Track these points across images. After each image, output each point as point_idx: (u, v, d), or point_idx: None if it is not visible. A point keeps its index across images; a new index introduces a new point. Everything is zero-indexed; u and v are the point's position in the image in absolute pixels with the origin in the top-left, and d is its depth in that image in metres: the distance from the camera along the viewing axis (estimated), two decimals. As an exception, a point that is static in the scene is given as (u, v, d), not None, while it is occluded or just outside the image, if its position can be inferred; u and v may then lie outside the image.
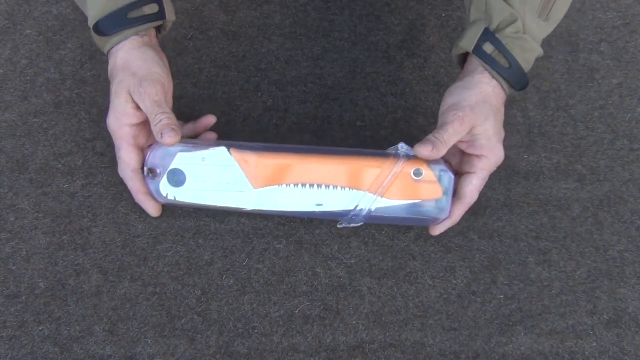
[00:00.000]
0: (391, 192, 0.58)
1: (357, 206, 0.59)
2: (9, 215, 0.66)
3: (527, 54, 0.58)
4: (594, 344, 0.62)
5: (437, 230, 0.62)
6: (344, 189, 0.59)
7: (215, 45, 0.76)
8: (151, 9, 0.59)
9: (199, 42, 0.76)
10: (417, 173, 0.58)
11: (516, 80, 0.58)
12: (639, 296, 0.65)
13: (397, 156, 0.59)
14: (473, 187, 0.59)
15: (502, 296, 0.64)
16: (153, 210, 0.63)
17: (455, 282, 0.65)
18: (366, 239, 0.66)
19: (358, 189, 0.59)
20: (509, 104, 0.73)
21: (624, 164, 0.71)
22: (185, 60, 0.75)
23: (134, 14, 0.58)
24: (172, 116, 0.58)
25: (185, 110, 0.72)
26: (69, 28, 0.76)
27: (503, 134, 0.59)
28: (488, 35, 0.57)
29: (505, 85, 0.59)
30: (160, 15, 0.60)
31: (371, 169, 0.58)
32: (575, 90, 0.75)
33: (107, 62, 0.61)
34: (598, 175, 0.70)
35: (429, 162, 0.58)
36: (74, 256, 0.64)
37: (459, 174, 0.60)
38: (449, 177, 0.58)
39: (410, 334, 0.62)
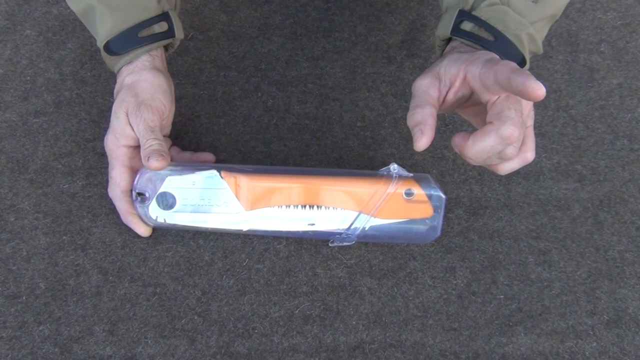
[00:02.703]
0: (383, 211, 0.59)
1: (350, 225, 0.60)
2: (9, 215, 0.66)
3: (513, 26, 0.53)
4: (594, 344, 0.62)
5: (508, 167, 0.52)
6: (336, 209, 0.60)
7: (215, 45, 0.76)
8: (161, 27, 0.60)
9: (199, 42, 0.76)
10: (409, 193, 0.59)
11: (507, 54, 0.53)
12: (639, 296, 0.65)
13: (389, 177, 0.59)
14: (511, 120, 0.47)
15: (502, 296, 0.64)
16: (143, 230, 0.63)
17: (455, 282, 0.65)
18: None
19: (350, 209, 0.60)
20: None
21: (624, 164, 0.71)
22: (185, 60, 0.75)
23: (144, 33, 0.58)
24: (163, 144, 0.58)
25: (185, 110, 0.72)
26: (69, 28, 0.76)
27: None
28: (463, 15, 0.54)
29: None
30: (170, 32, 0.60)
31: (364, 190, 0.59)
32: (575, 90, 0.75)
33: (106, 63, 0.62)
34: (598, 175, 0.70)
35: (420, 182, 0.59)
36: (74, 256, 0.64)
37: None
38: (439, 197, 0.59)
39: (410, 334, 0.62)
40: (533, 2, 0.54)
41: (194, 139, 0.70)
